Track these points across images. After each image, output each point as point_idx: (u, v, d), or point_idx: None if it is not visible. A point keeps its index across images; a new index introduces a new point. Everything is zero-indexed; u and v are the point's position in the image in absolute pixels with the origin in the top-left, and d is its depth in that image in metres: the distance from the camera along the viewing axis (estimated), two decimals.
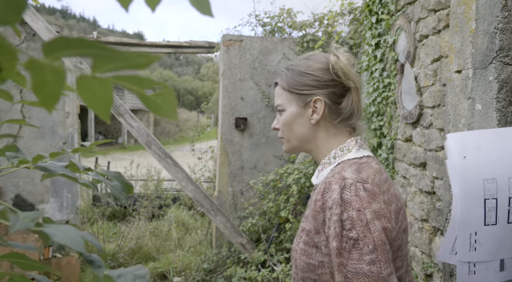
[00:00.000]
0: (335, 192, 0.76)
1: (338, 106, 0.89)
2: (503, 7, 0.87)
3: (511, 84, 0.89)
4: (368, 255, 0.71)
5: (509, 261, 0.88)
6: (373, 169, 0.83)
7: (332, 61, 0.88)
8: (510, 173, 0.83)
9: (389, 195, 0.81)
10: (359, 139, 0.90)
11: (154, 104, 0.28)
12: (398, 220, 0.80)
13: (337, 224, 0.74)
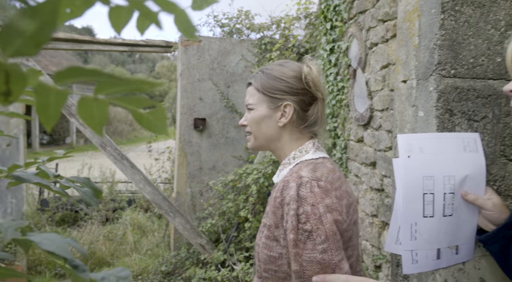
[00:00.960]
0: (292, 189, 0.83)
1: (305, 113, 0.96)
2: (440, 26, 0.99)
3: (448, 94, 1.01)
4: (321, 244, 0.78)
5: (444, 250, 1.00)
6: (327, 168, 0.90)
7: (305, 71, 0.95)
8: (445, 171, 0.94)
9: (341, 191, 0.88)
10: (316, 142, 0.98)
11: (147, 121, 0.31)
12: (349, 213, 0.88)
13: (294, 218, 0.80)
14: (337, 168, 0.96)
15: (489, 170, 1.05)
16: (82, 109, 0.29)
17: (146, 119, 0.31)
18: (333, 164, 0.96)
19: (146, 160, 5.91)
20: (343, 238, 0.84)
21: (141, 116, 0.31)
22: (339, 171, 0.95)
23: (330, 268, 0.79)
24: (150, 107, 0.33)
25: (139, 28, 0.34)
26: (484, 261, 1.06)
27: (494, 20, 1.02)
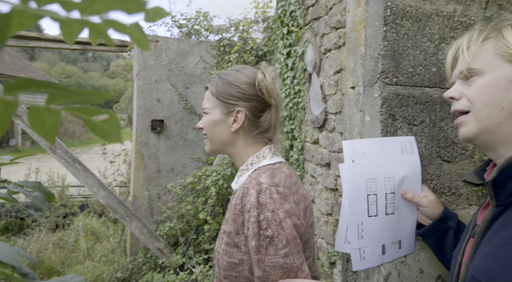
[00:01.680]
0: (252, 196, 0.84)
1: (257, 119, 0.97)
2: (383, 37, 1.07)
3: (390, 100, 1.09)
4: (283, 249, 0.80)
5: (389, 245, 1.08)
6: (284, 173, 0.93)
7: (259, 78, 0.97)
8: (386, 173, 1.02)
9: (298, 195, 0.91)
10: (272, 147, 1.00)
11: (100, 130, 0.32)
12: (306, 216, 0.91)
13: (255, 225, 0.81)
14: (294, 172, 0.99)
15: (426, 170, 1.15)
16: (33, 119, 0.30)
17: (99, 128, 0.32)
18: (290, 169, 0.98)
19: (101, 163, 5.68)
20: (301, 241, 0.87)
21: (94, 125, 0.32)
22: (295, 175, 0.99)
23: (293, 272, 0.81)
24: (103, 105, 0.34)
25: (92, 39, 0.35)
26: (423, 253, 1.16)
27: (429, 34, 1.12)
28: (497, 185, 0.71)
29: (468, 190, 1.23)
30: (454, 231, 0.98)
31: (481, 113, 0.73)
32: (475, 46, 0.75)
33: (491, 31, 0.74)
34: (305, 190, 1.00)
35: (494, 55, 0.72)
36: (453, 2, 1.16)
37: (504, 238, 0.67)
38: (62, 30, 0.33)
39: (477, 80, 0.74)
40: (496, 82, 0.71)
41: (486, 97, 0.72)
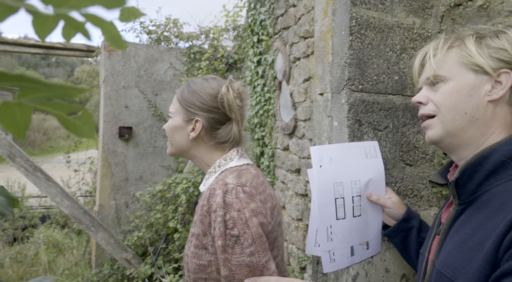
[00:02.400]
0: (219, 196, 0.85)
1: (215, 131, 0.99)
2: (349, 46, 1.12)
3: (357, 106, 1.14)
4: (248, 248, 0.82)
5: (357, 247, 1.12)
6: (251, 174, 0.95)
7: (222, 91, 0.99)
8: (352, 177, 1.06)
9: (265, 195, 0.93)
10: (240, 150, 1.02)
11: (73, 126, 0.32)
12: (273, 215, 0.92)
13: (221, 224, 0.82)
14: (261, 173, 1.01)
15: (390, 173, 1.21)
16: (4, 114, 0.29)
17: (73, 124, 0.32)
18: (257, 170, 1.00)
19: (64, 172, 5.44)
20: (268, 239, 0.88)
21: (67, 121, 0.32)
22: (263, 176, 1.01)
23: (259, 270, 0.82)
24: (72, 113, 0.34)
25: (65, 36, 0.35)
26: (388, 253, 1.20)
27: (391, 44, 1.19)
28: (459, 185, 0.75)
29: (428, 192, 1.29)
30: (417, 230, 1.03)
31: (446, 117, 0.78)
32: (441, 54, 0.80)
33: (455, 40, 0.79)
34: (273, 190, 1.03)
35: (458, 63, 0.77)
36: (412, 15, 1.23)
37: (465, 234, 0.71)
38: (35, 25, 0.33)
39: (442, 86, 0.79)
40: (460, 88, 0.76)
41: (450, 102, 0.77)
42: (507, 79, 0.72)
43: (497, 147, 0.70)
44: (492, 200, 0.69)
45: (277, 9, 2.81)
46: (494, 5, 1.12)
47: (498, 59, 0.73)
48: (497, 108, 0.73)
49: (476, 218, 0.70)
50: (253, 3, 3.21)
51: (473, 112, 0.74)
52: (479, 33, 0.77)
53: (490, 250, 0.62)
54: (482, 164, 0.71)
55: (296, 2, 2.48)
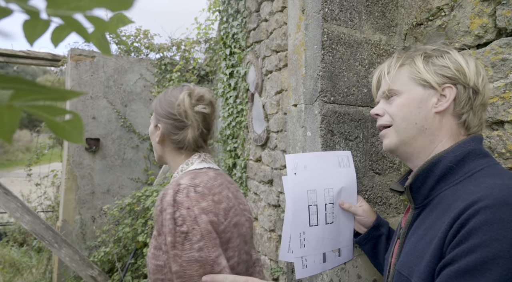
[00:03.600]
0: (169, 196, 0.88)
1: (173, 137, 1.04)
2: (321, 60, 1.17)
3: (329, 117, 1.19)
4: (197, 243, 0.84)
5: (329, 253, 1.14)
6: (208, 176, 0.98)
7: (180, 99, 1.03)
8: (325, 185, 1.09)
9: (221, 196, 0.96)
10: (203, 155, 1.06)
11: (62, 130, 0.32)
12: (227, 216, 0.95)
13: (170, 221, 0.85)
14: (222, 177, 1.05)
15: (361, 182, 1.25)
16: None
17: (62, 128, 0.32)
18: (218, 174, 1.04)
19: (24, 186, 5.15)
20: (221, 239, 0.91)
21: (56, 125, 0.32)
22: (224, 179, 1.04)
23: (209, 265, 0.84)
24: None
25: (54, 40, 0.35)
26: (360, 259, 1.24)
27: (360, 59, 1.25)
28: (413, 190, 0.82)
29: (396, 200, 1.35)
30: (385, 237, 1.07)
31: (400, 127, 0.85)
32: (394, 71, 0.89)
33: (406, 59, 0.88)
34: (233, 193, 1.06)
35: (408, 78, 0.85)
36: (378, 33, 1.31)
37: (419, 235, 0.77)
38: (25, 29, 0.33)
39: (396, 99, 0.87)
40: (410, 101, 0.84)
41: (403, 113, 0.85)
42: (450, 93, 0.80)
43: (445, 154, 0.78)
44: (442, 202, 0.75)
45: (249, 23, 2.87)
46: (451, 25, 1.22)
47: (442, 75, 0.81)
48: (443, 119, 0.81)
49: (428, 220, 0.77)
50: (226, 17, 3.25)
51: (423, 123, 0.82)
52: (427, 53, 0.86)
53: (437, 246, 0.68)
54: (432, 170, 0.78)
55: (268, 17, 2.55)
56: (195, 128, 1.04)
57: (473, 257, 0.59)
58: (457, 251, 0.62)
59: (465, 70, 0.80)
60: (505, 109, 1.06)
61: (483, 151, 0.77)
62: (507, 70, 1.06)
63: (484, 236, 0.59)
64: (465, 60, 0.81)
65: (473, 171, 0.73)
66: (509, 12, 1.04)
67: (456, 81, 0.80)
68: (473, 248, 0.60)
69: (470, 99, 0.80)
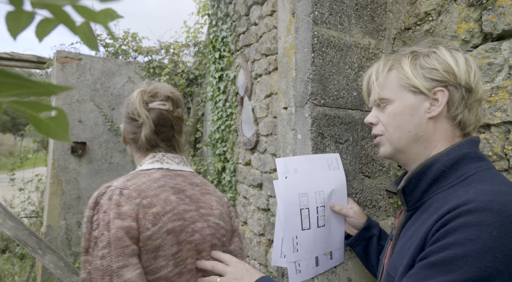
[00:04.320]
0: (93, 198, 0.85)
1: (131, 136, 1.02)
2: (312, 63, 1.17)
3: (319, 120, 1.19)
4: (101, 250, 0.78)
5: (321, 257, 1.13)
6: (149, 177, 0.91)
7: (132, 98, 1.01)
8: (316, 188, 1.09)
9: (155, 199, 0.87)
10: (159, 155, 1.00)
11: (46, 127, 0.31)
12: (159, 221, 0.86)
13: (87, 225, 0.82)
14: (175, 178, 0.97)
15: (351, 185, 1.26)
16: None
17: (46, 125, 0.31)
18: (168, 176, 0.96)
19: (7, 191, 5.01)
20: (146, 246, 0.83)
21: (40, 122, 0.30)
22: (178, 181, 0.96)
23: (107, 275, 0.77)
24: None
25: (39, 34, 0.33)
26: (350, 262, 1.24)
27: (350, 62, 1.26)
28: (406, 193, 0.82)
29: (386, 203, 1.36)
30: (377, 238, 1.07)
31: (393, 136, 0.84)
32: (382, 77, 0.87)
33: (393, 62, 0.87)
34: (191, 198, 0.97)
35: (398, 86, 0.84)
36: (368, 37, 1.32)
37: (407, 236, 0.78)
38: (8, 21, 0.31)
39: (388, 107, 0.85)
40: (402, 109, 0.83)
41: (395, 123, 0.83)
42: (443, 97, 0.78)
43: (439, 157, 0.77)
44: (432, 205, 0.75)
45: (239, 27, 2.87)
46: (439, 30, 1.23)
47: (431, 79, 0.79)
48: (437, 123, 0.80)
49: (418, 222, 0.77)
50: (215, 20, 3.25)
51: (416, 130, 0.81)
52: (414, 52, 0.84)
53: (418, 245, 0.69)
54: (425, 173, 0.78)
55: (257, 21, 2.56)
56: (147, 125, 0.99)
57: (445, 253, 0.60)
58: (432, 247, 0.64)
59: (455, 70, 0.78)
60: (492, 112, 1.07)
61: (478, 154, 0.76)
62: (493, 74, 1.08)
63: (460, 236, 0.60)
64: (454, 59, 0.79)
65: (466, 175, 0.73)
66: (495, 18, 1.06)
67: (447, 83, 0.78)
68: (447, 245, 0.61)
69: (463, 99, 0.78)
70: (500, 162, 1.06)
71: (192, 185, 1.00)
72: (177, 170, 1.01)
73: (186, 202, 0.95)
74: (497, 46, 1.06)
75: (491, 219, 0.59)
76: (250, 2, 2.64)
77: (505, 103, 1.04)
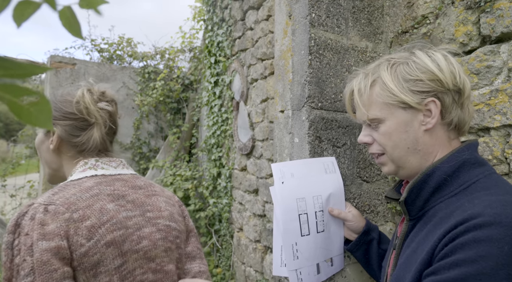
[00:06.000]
0: (12, 221, 0.75)
1: (74, 139, 0.90)
2: (309, 65, 1.16)
3: (317, 123, 1.17)
4: (24, 279, 0.70)
5: (322, 264, 1.10)
6: (79, 187, 0.82)
7: (78, 95, 0.89)
8: (314, 192, 1.06)
9: (90, 210, 0.79)
10: (91, 161, 0.90)
11: (27, 114, 0.28)
12: (94, 234, 0.78)
13: (6, 252, 0.72)
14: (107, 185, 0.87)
15: (349, 189, 1.23)
16: None
17: (26, 111, 0.28)
18: (103, 183, 0.86)
19: None
20: (83, 264, 0.76)
21: (20, 108, 0.28)
22: (109, 187, 0.87)
23: None
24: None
25: (17, 17, 0.31)
26: (348, 269, 1.21)
27: (347, 65, 1.25)
28: (408, 203, 0.79)
29: (384, 208, 1.34)
30: (377, 242, 1.05)
31: (393, 156, 0.81)
32: (366, 94, 0.82)
33: (373, 77, 0.82)
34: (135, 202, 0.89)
35: (385, 104, 0.80)
36: (365, 40, 1.31)
37: (412, 248, 0.75)
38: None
39: (380, 127, 0.81)
40: (396, 127, 0.79)
41: (392, 142, 0.80)
42: (435, 107, 0.75)
43: (439, 164, 0.75)
44: (435, 215, 0.73)
45: (234, 32, 2.86)
46: (436, 33, 1.23)
47: (419, 91, 0.75)
48: (434, 133, 0.77)
49: (422, 233, 0.74)
50: (211, 25, 3.25)
51: (414, 145, 0.78)
52: (390, 61, 0.80)
53: (424, 259, 0.66)
54: (426, 182, 0.75)
55: (253, 25, 2.55)
56: (101, 126, 0.91)
57: (457, 270, 0.58)
58: (441, 263, 0.61)
59: (440, 76, 0.74)
60: (491, 115, 1.06)
61: (478, 159, 0.74)
62: (492, 77, 1.07)
63: (470, 252, 0.58)
64: (435, 63, 0.76)
65: (468, 183, 0.71)
66: (493, 20, 1.06)
67: (436, 91, 0.75)
68: (458, 262, 0.59)
69: (455, 101, 0.76)
70: (500, 166, 1.05)
71: (135, 188, 0.91)
72: (115, 174, 0.91)
73: (128, 207, 0.86)
74: (495, 49, 1.06)
75: (501, 233, 0.57)
76: (246, 7, 2.63)
77: (504, 106, 1.03)
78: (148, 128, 4.28)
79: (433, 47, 0.81)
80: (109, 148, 0.95)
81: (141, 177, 0.99)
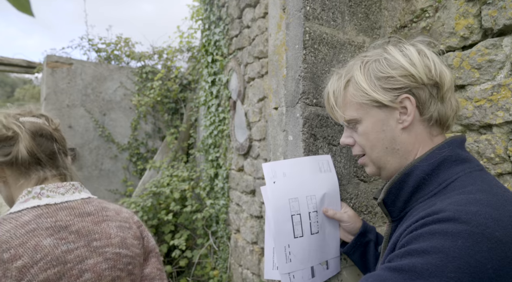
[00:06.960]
0: None
1: (8, 158, 0.86)
2: (303, 60, 1.11)
3: (311, 120, 1.12)
4: None
5: (317, 267, 1.06)
6: (15, 223, 0.78)
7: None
8: (307, 192, 1.02)
9: (23, 248, 0.75)
10: (35, 189, 0.86)
11: None
12: (26, 274, 0.73)
13: None
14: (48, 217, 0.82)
15: (346, 189, 1.19)
16: None
17: None
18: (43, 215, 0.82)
19: None
20: None
21: None
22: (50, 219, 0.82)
23: None
24: None
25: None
26: (345, 272, 1.16)
27: (343, 60, 1.20)
28: (388, 204, 0.76)
29: None
30: (374, 243, 1.00)
31: (372, 156, 0.79)
32: (341, 96, 0.81)
33: (347, 77, 0.81)
34: (63, 237, 0.82)
35: (359, 104, 0.78)
36: (362, 34, 1.27)
37: (389, 249, 0.71)
38: None
39: (358, 127, 0.80)
40: (372, 127, 0.77)
41: (370, 142, 0.78)
42: (410, 104, 0.72)
43: (418, 163, 0.71)
44: (412, 215, 0.69)
45: (231, 30, 2.82)
46: (436, 27, 1.18)
47: (391, 89, 0.73)
48: (413, 130, 0.74)
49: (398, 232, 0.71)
50: (208, 24, 3.20)
51: (393, 145, 0.76)
52: (364, 60, 0.79)
53: (388, 253, 0.66)
54: (405, 181, 0.72)
55: (250, 24, 2.51)
56: (23, 137, 0.87)
57: (408, 259, 0.57)
58: (396, 252, 0.60)
59: (412, 71, 0.71)
60: (493, 112, 1.01)
61: (460, 156, 0.70)
62: (494, 72, 1.02)
63: (424, 243, 0.56)
64: (407, 58, 0.72)
65: (447, 181, 0.67)
66: (495, 12, 1.01)
67: (409, 87, 0.72)
68: (410, 251, 0.58)
69: (432, 96, 0.72)
70: (503, 164, 1.00)
71: (82, 216, 0.87)
72: (62, 202, 0.86)
73: (70, 239, 0.82)
74: (498, 42, 1.01)
75: (457, 228, 0.54)
76: (242, 5, 2.59)
77: (507, 101, 0.98)
78: (146, 129, 4.24)
79: (406, 42, 0.78)
80: (59, 164, 0.90)
81: (94, 200, 0.95)
